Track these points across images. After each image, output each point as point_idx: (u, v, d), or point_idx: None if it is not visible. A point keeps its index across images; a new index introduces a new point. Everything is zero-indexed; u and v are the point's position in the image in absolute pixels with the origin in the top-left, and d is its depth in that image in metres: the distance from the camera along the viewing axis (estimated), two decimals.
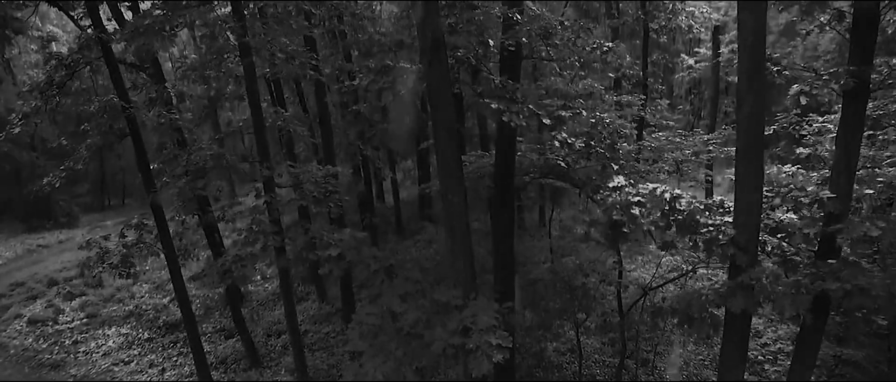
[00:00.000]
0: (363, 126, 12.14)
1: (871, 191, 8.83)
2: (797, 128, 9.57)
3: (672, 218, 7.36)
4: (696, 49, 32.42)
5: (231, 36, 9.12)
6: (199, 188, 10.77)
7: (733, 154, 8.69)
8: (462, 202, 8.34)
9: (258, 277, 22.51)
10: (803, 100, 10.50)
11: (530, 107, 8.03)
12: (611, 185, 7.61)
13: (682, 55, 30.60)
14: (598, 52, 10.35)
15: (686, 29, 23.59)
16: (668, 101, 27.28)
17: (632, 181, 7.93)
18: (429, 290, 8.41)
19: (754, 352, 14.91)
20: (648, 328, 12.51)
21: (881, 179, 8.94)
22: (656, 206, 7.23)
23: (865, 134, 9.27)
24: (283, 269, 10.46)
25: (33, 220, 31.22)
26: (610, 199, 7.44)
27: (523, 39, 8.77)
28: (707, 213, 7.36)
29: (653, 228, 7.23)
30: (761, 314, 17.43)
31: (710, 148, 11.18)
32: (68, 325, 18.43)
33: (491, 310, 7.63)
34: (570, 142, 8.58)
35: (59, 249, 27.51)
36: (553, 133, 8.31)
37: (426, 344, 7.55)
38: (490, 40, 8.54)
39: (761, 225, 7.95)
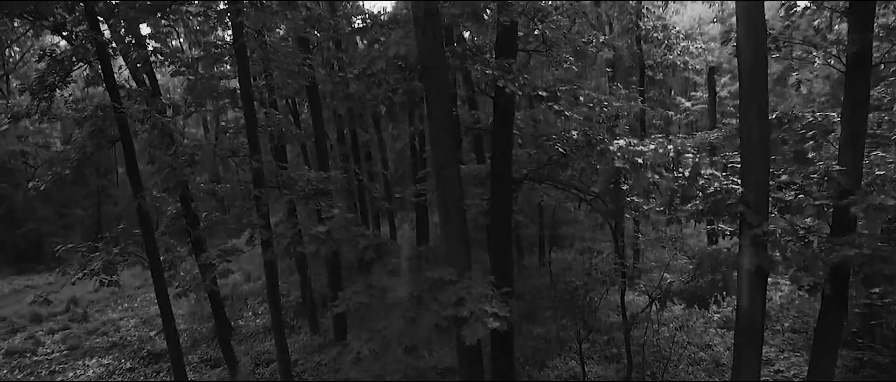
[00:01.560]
0: (354, 104, 11.95)
1: (882, 172, 8.51)
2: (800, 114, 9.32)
3: (677, 182, 7.01)
4: (692, 92, 32.77)
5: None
6: (184, 176, 10.42)
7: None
8: (456, 178, 8.00)
9: (249, 313, 21.80)
10: (804, 90, 10.35)
11: (526, 77, 7.82)
12: (614, 144, 7.28)
13: (679, 98, 30.88)
14: (593, 49, 10.27)
15: (682, 66, 23.83)
16: None
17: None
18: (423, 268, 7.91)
19: (767, 378, 14.16)
20: (655, 342, 11.85)
21: (891, 161, 8.63)
22: (660, 163, 6.90)
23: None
24: (270, 263, 9.97)
25: (24, 263, 30.62)
26: (611, 149, 7.09)
27: (518, 20, 8.67)
28: (711, 170, 6.99)
29: (657, 177, 6.86)
30: (772, 343, 16.75)
31: (713, 139, 10.94)
32: (47, 356, 17.61)
33: (486, 283, 7.15)
34: (567, 114, 8.33)
35: (47, 290, 26.72)
36: (550, 104, 8.07)
37: (417, 320, 7.02)
38: (484, 14, 8.45)
39: (770, 195, 7.59)
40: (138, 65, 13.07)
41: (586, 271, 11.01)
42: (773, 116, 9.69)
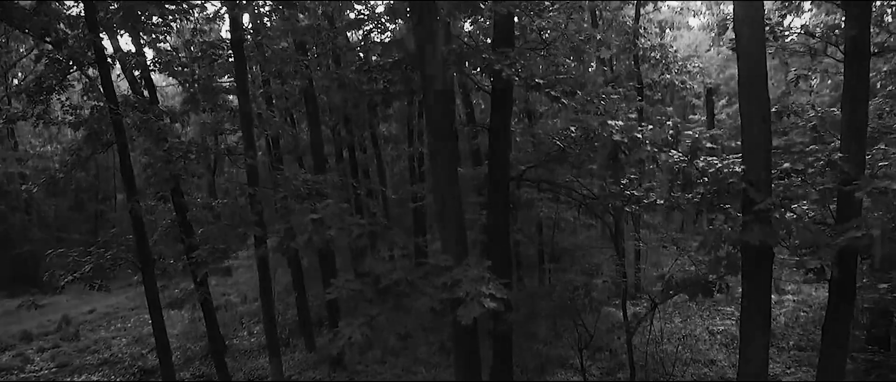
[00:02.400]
0: (350, 94, 11.83)
1: (886, 163, 8.36)
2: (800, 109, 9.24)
3: (677, 165, 6.86)
4: (690, 116, 32.87)
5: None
6: (177, 171, 10.26)
7: None
8: (452, 164, 7.87)
9: (245, 332, 21.42)
10: (803, 86, 10.29)
11: (523, 62, 7.77)
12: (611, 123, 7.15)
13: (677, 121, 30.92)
14: (591, 49, 10.25)
15: (679, 86, 23.91)
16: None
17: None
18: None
19: None
20: (658, 357, 11.52)
21: (895, 152, 8.48)
22: (658, 139, 6.77)
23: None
24: (262, 258, 9.75)
25: (18, 285, 30.21)
26: (610, 123, 6.96)
27: (514, 11, 8.66)
28: (711, 144, 6.84)
29: (656, 150, 6.71)
30: (778, 360, 16.37)
31: (713, 132, 10.79)
32: (35, 373, 17.19)
33: (482, 266, 6.94)
34: (564, 102, 8.22)
35: (39, 312, 26.33)
36: (547, 90, 7.99)
37: (411, 305, 6.78)
38: (481, 4, 8.44)
39: (772, 183, 7.44)
40: (136, 71, 13.05)
41: (587, 272, 10.76)
42: (774, 108, 9.62)
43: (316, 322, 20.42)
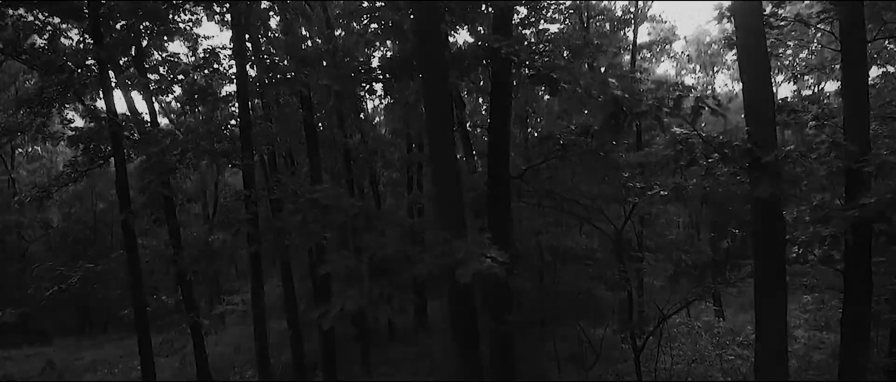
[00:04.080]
0: (347, 84, 11.69)
1: (887, 153, 8.22)
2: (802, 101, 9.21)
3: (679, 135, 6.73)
4: None
5: None
6: (171, 164, 10.09)
7: None
8: (450, 142, 7.77)
9: (237, 377, 20.60)
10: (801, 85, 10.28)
11: (520, 47, 7.81)
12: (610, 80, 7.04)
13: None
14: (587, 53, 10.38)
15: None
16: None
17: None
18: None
19: None
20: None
21: None
22: (660, 98, 6.65)
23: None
24: (254, 254, 9.45)
25: (9, 335, 29.33)
26: (611, 81, 6.84)
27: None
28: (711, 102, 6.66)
29: (657, 106, 6.54)
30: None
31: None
32: None
33: (483, 237, 6.66)
34: (564, 86, 8.13)
35: (25, 361, 25.57)
36: (546, 72, 7.95)
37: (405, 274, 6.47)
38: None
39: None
40: (138, 90, 13.17)
41: (591, 275, 10.39)
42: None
43: (310, 366, 19.68)
